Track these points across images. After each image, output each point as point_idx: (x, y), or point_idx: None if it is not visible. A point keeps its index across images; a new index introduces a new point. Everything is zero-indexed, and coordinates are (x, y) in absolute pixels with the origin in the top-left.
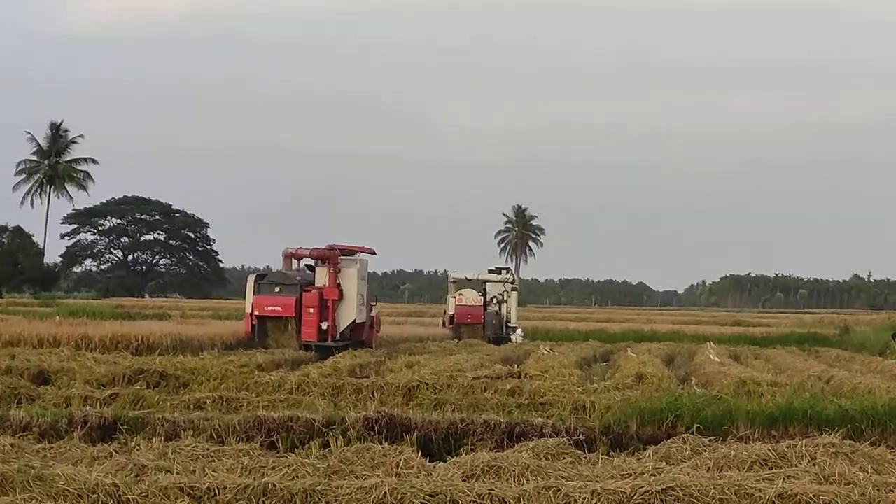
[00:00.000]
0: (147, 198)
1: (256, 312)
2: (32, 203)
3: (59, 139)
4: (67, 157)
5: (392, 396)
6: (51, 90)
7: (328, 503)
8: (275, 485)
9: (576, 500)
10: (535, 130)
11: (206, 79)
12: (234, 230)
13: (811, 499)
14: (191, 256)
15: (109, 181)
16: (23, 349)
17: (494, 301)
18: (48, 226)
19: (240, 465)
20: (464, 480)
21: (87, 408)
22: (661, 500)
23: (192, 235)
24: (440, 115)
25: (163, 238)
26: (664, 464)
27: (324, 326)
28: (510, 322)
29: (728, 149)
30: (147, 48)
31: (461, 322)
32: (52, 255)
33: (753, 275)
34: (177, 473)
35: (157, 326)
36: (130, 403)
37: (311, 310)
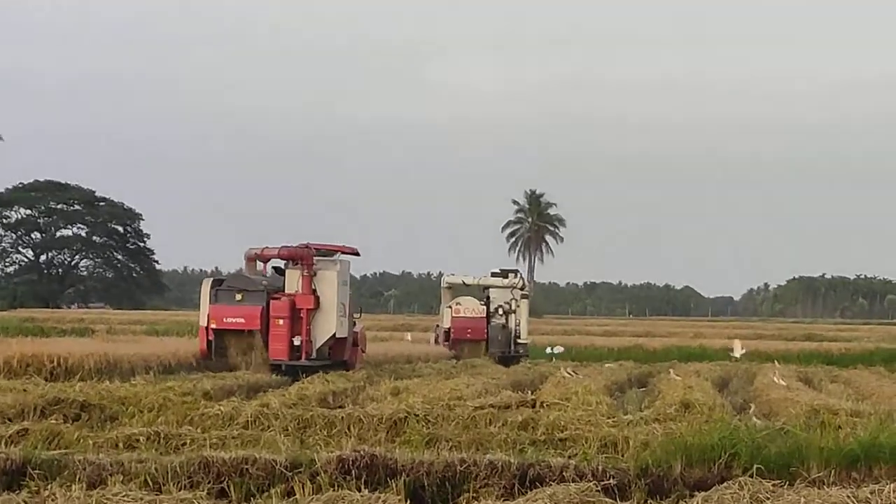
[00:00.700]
0: (64, 182)
1: (214, 326)
2: None
3: None
4: None
5: (373, 431)
6: None
7: None
8: None
9: None
10: (552, 90)
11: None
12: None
13: None
14: (119, 256)
15: (15, 162)
16: None
17: (500, 311)
18: None
19: None
20: None
21: None
22: None
23: (122, 230)
24: (432, 72)
25: (84, 233)
26: None
27: (296, 342)
28: (520, 337)
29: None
30: None
31: (459, 338)
32: None
33: (829, 276)
34: None
35: (78, 345)
36: (44, 442)
37: (281, 321)
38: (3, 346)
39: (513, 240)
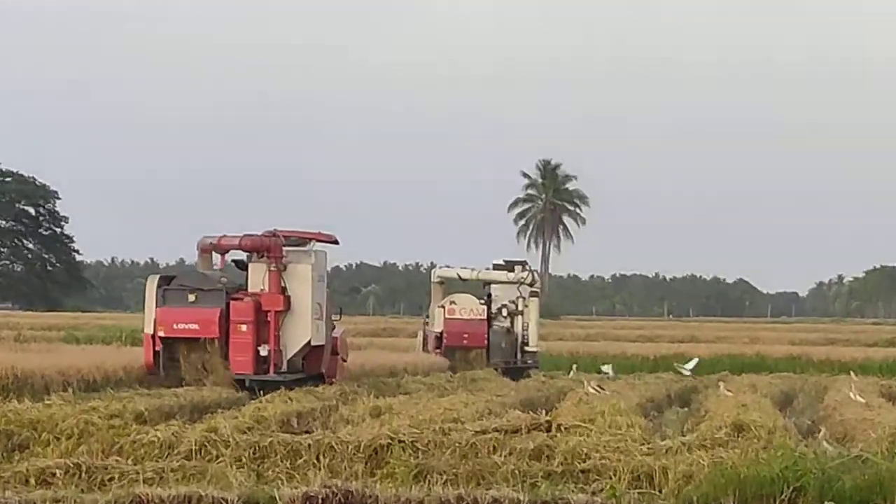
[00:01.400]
0: None
1: (162, 333)
2: None
3: None
4: None
5: (349, 462)
6: None
7: None
8: None
9: None
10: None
11: None
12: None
13: None
14: (31, 245)
15: None
16: None
17: (504, 312)
18: None
19: None
20: None
21: None
22: None
23: (33, 212)
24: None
25: None
26: None
27: (263, 352)
28: (528, 344)
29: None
30: None
31: (453, 345)
32: None
33: None
34: None
35: None
36: None
37: (244, 327)
38: None
39: (522, 222)
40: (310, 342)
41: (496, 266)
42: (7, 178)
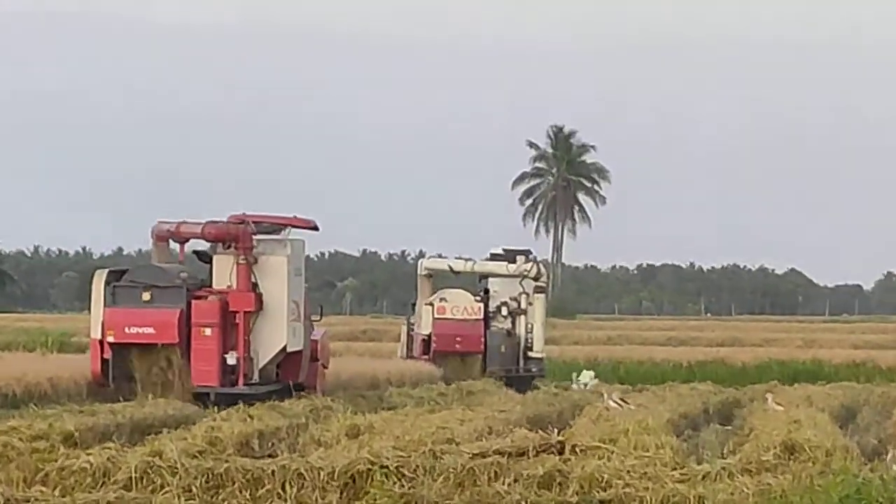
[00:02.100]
0: None
1: (111, 338)
2: None
3: None
4: None
5: (321, 492)
6: None
7: None
8: None
9: None
10: None
11: None
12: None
13: None
14: None
15: None
16: None
17: (504, 311)
18: None
19: None
20: None
21: None
22: None
23: None
24: None
25: None
26: None
27: (231, 360)
28: (532, 348)
29: None
30: None
31: (444, 350)
32: None
33: None
34: None
35: None
36: None
37: (208, 331)
38: None
39: (529, 201)
40: (285, 348)
41: (494, 256)
42: None
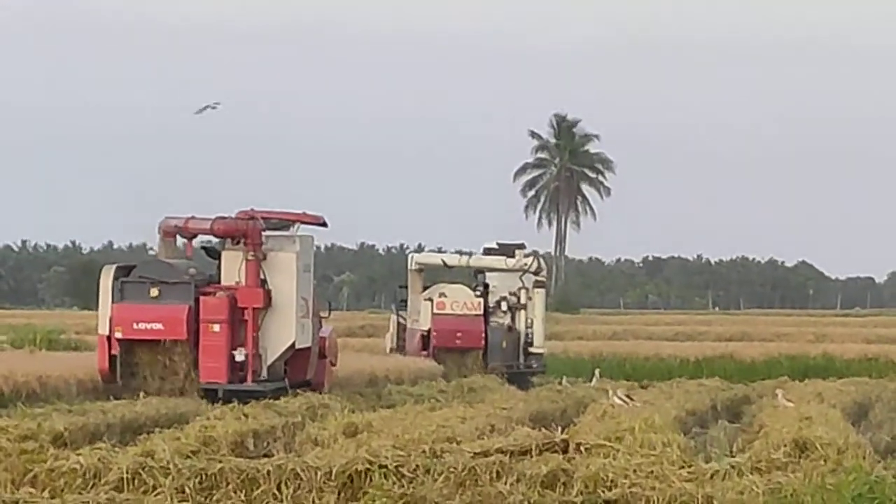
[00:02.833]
0: None
1: (119, 334)
2: None
3: None
4: None
5: (317, 492)
6: None
7: None
8: None
9: None
10: None
11: None
12: (7, 179)
13: None
14: None
15: None
16: None
17: (504, 306)
18: None
19: None
20: None
21: None
22: None
23: None
24: None
25: None
26: None
27: (239, 356)
28: (533, 344)
29: None
30: None
31: (444, 345)
32: None
33: None
34: None
35: None
36: None
37: (217, 327)
38: None
39: (532, 193)
40: (294, 344)
41: (488, 251)
42: None
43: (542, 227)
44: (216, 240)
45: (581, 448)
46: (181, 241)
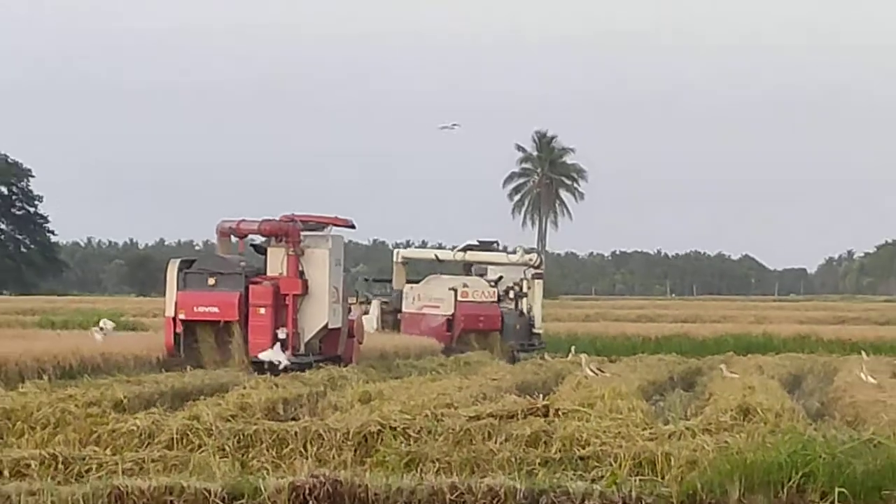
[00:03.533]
0: None
1: (182, 316)
2: None
3: None
4: None
5: (337, 450)
6: None
7: None
8: None
9: None
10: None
11: None
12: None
13: None
14: (3, 225)
15: None
16: None
17: (511, 294)
18: None
19: None
20: None
21: None
22: None
23: (6, 191)
24: None
25: None
26: None
27: (281, 335)
28: (534, 325)
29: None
30: None
31: (470, 328)
32: None
33: None
34: None
35: None
36: None
37: (263, 310)
38: None
39: (517, 197)
40: (327, 325)
41: (469, 247)
42: None
43: (527, 227)
44: (263, 238)
45: (559, 412)
46: (234, 240)
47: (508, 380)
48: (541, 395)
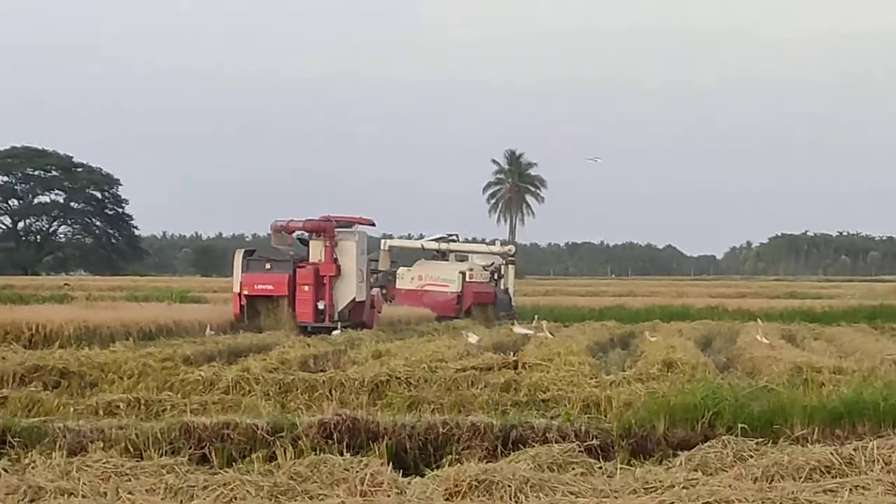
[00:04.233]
0: (42, 148)
1: (246, 292)
2: None
3: None
4: None
5: (355, 395)
6: None
7: None
8: None
9: None
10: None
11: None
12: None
13: None
14: (98, 222)
15: None
16: None
17: (495, 276)
18: None
19: (163, 485)
20: (447, 500)
21: None
22: None
23: (100, 196)
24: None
25: (62, 199)
26: (699, 474)
27: (320, 306)
28: (511, 300)
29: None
30: None
31: (476, 302)
32: None
33: (811, 234)
34: (83, 497)
35: (57, 312)
36: (23, 409)
37: (307, 288)
38: None
39: (493, 201)
40: (354, 299)
41: (447, 238)
42: (79, 169)
43: (500, 224)
44: (306, 233)
45: (525, 366)
46: (285, 235)
47: (486, 341)
48: (511, 353)
